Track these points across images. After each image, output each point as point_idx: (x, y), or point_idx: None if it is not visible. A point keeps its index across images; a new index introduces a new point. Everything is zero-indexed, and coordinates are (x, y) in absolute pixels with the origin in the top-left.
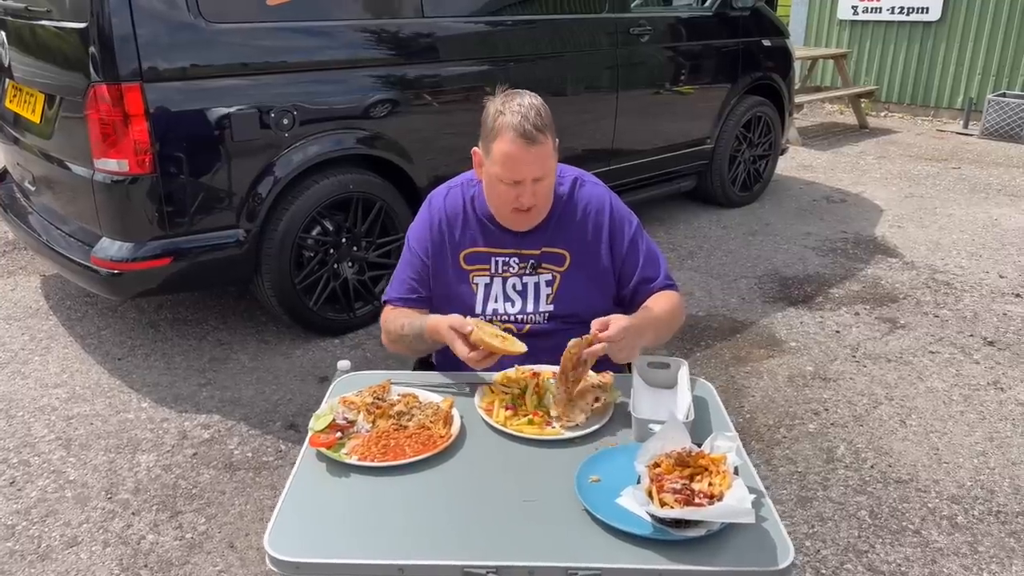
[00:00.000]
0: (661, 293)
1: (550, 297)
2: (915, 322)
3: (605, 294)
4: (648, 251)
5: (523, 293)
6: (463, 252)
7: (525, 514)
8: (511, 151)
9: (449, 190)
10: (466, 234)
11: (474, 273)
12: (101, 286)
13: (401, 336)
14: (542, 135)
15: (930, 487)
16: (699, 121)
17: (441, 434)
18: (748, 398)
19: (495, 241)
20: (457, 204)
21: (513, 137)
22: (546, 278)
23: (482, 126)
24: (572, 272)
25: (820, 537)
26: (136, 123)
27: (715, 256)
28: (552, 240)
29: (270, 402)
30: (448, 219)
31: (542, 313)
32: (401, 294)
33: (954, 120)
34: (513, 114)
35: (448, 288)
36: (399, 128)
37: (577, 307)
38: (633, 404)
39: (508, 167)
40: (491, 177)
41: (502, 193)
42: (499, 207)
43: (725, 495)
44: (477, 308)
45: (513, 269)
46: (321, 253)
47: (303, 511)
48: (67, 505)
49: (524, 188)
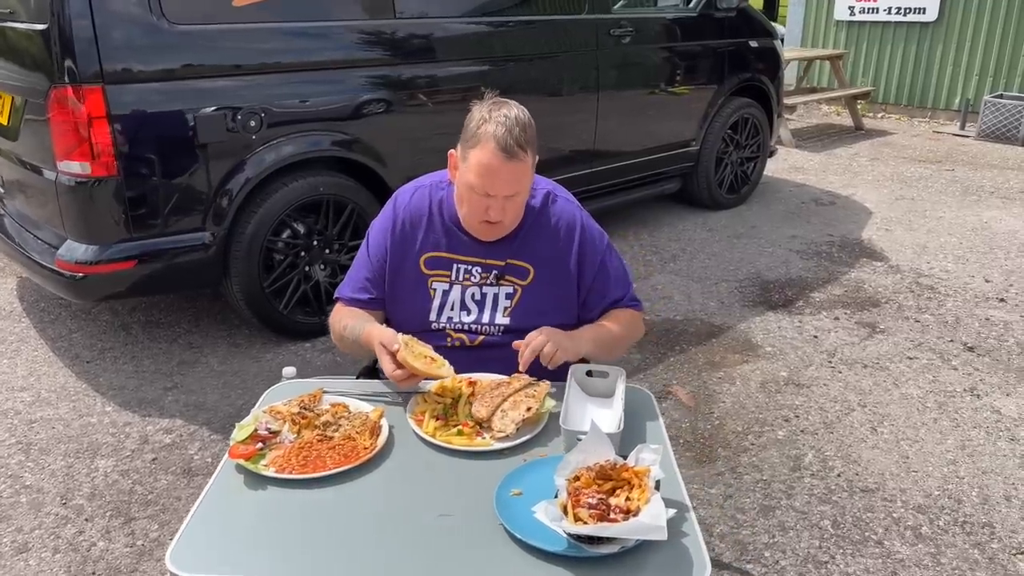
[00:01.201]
0: (622, 312)
1: (507, 310)
2: (895, 327)
3: (565, 312)
4: (616, 271)
5: (481, 303)
6: (424, 256)
7: (440, 530)
8: (489, 163)
9: (416, 189)
10: (429, 237)
11: (433, 278)
12: (67, 289)
13: (342, 337)
14: (523, 152)
15: (896, 496)
16: (684, 123)
17: (365, 445)
18: (718, 404)
19: (459, 248)
20: (423, 205)
21: (494, 149)
22: (507, 291)
23: (464, 130)
24: (534, 287)
25: (780, 547)
26: (98, 125)
27: (698, 259)
28: (518, 252)
29: (235, 407)
30: (412, 220)
31: (497, 326)
32: (352, 293)
33: (951, 121)
34: (498, 125)
35: (404, 291)
36: (371, 130)
37: (534, 323)
38: (564, 414)
39: (483, 178)
40: (464, 184)
41: (472, 202)
42: (468, 215)
43: (641, 510)
44: (432, 315)
45: (475, 278)
46: (291, 256)
47: (213, 525)
48: (21, 511)
49: (495, 202)
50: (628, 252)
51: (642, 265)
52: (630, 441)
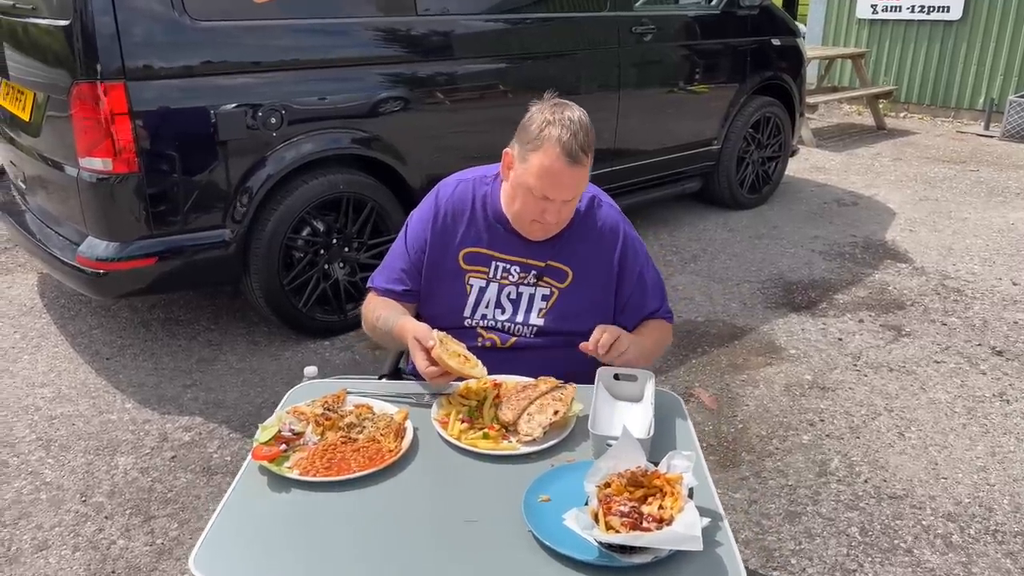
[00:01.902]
0: (656, 323)
1: (542, 312)
2: (921, 330)
3: (599, 318)
4: (654, 282)
5: (516, 303)
6: (464, 251)
7: (466, 536)
8: (553, 167)
9: (459, 183)
10: (470, 232)
11: (471, 274)
12: (87, 286)
13: (375, 328)
14: (586, 156)
15: (926, 503)
16: (705, 121)
17: (390, 448)
18: (742, 407)
19: (500, 245)
20: (466, 199)
21: (558, 153)
22: (543, 292)
23: (522, 130)
24: (572, 291)
25: (807, 554)
26: (120, 121)
27: (719, 260)
28: (559, 255)
29: (254, 405)
30: (455, 213)
31: (531, 326)
32: (386, 283)
33: (975, 121)
34: (563, 128)
35: (440, 285)
36: (391, 128)
37: (568, 327)
38: (592, 418)
39: (544, 181)
40: (520, 185)
41: (527, 204)
42: (519, 214)
43: (675, 519)
44: (466, 310)
45: (513, 277)
46: (311, 254)
47: (237, 528)
48: (41, 508)
49: (552, 205)
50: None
51: (663, 265)
52: (659, 447)
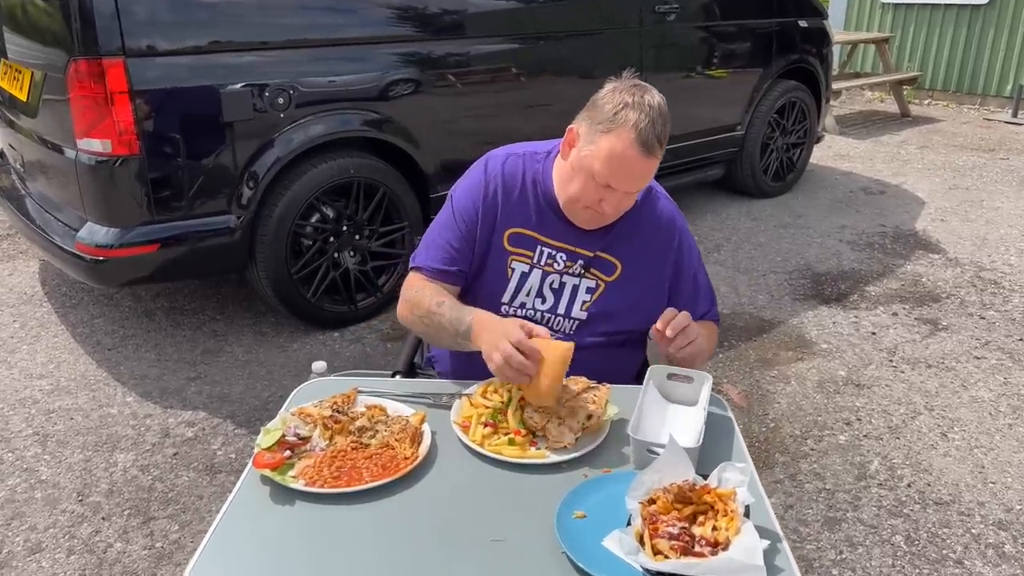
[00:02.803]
0: (705, 324)
1: (586, 305)
2: (959, 324)
3: (646, 316)
4: (706, 284)
5: (559, 293)
6: (509, 231)
7: (492, 557)
8: (625, 155)
9: (508, 156)
10: (518, 211)
11: (514, 257)
12: (87, 274)
13: (432, 315)
14: (660, 148)
15: (974, 510)
16: (729, 106)
17: (406, 455)
18: (773, 405)
19: (548, 229)
20: (516, 174)
21: (633, 140)
22: (589, 284)
23: (594, 108)
24: (619, 285)
25: (849, 565)
26: (119, 101)
27: (743, 249)
28: (610, 246)
29: (260, 399)
30: (505, 188)
31: (572, 319)
32: (439, 263)
33: (1002, 109)
34: (642, 113)
35: (483, 266)
36: (404, 110)
37: (610, 324)
38: (635, 422)
39: (612, 170)
40: (583, 168)
41: (586, 189)
42: (574, 199)
43: (732, 543)
44: (505, 295)
45: (558, 265)
46: (320, 241)
47: (235, 545)
48: (35, 507)
49: (613, 195)
50: None
51: None
52: (703, 457)
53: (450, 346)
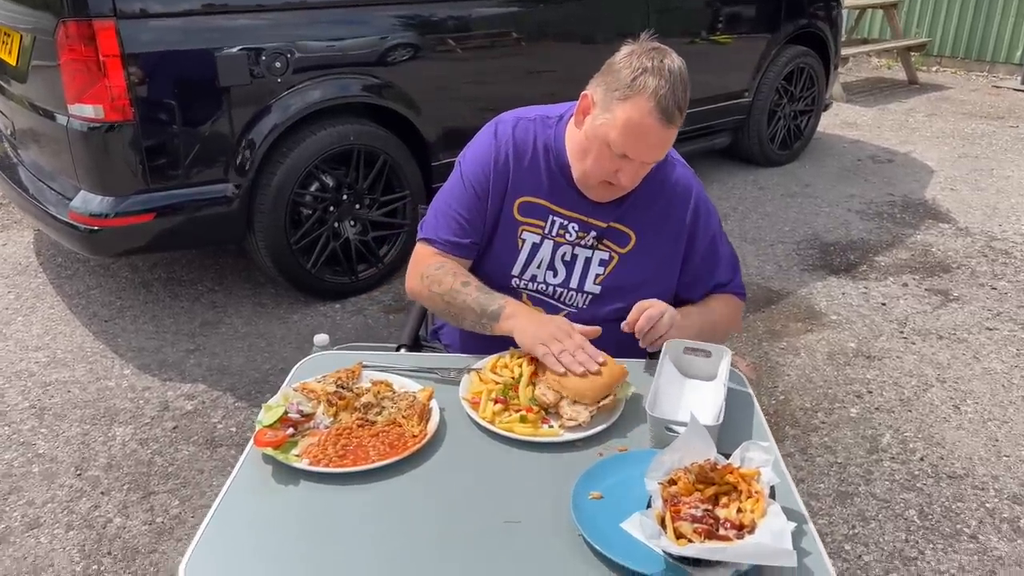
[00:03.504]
0: (726, 297)
1: (599, 278)
2: (970, 295)
3: (661, 288)
4: (727, 253)
5: (570, 265)
6: (520, 199)
7: (506, 540)
8: (643, 123)
9: (518, 121)
10: (529, 179)
11: (525, 227)
12: (81, 244)
13: (456, 294)
14: (680, 116)
15: (988, 484)
16: (736, 72)
17: (414, 432)
18: (783, 377)
19: (560, 199)
20: (527, 141)
21: (652, 108)
22: (602, 256)
23: (610, 73)
24: (633, 256)
25: (862, 540)
26: (111, 65)
27: (750, 219)
28: (624, 217)
29: (260, 371)
30: (516, 154)
31: (585, 294)
32: (451, 235)
33: (1011, 76)
34: (661, 79)
35: (494, 236)
36: (406, 75)
37: (624, 298)
38: (652, 398)
39: (629, 138)
40: (598, 137)
41: (602, 160)
42: (588, 171)
43: (758, 526)
44: (515, 267)
45: (570, 236)
46: (319, 211)
47: (236, 528)
48: (33, 482)
49: (629, 165)
50: None
51: None
52: (723, 435)
53: (471, 327)
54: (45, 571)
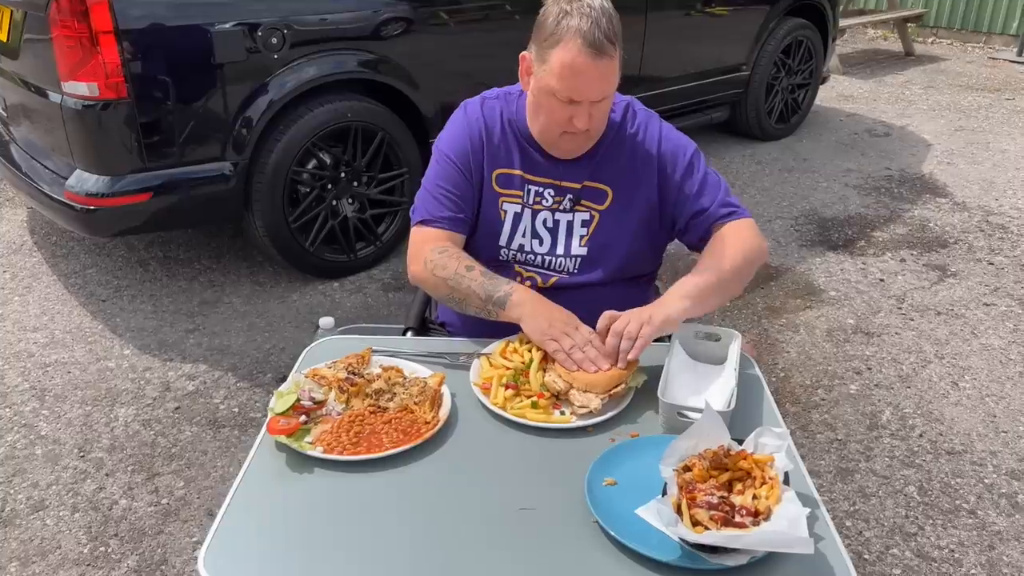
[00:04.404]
0: (731, 226)
1: (584, 239)
2: (967, 270)
3: (649, 238)
4: (704, 177)
5: (553, 231)
6: (496, 171)
7: (522, 526)
8: (575, 63)
9: (484, 100)
10: (501, 152)
11: (504, 198)
12: (77, 223)
13: (461, 278)
14: (612, 46)
15: (987, 460)
16: (734, 45)
17: (426, 419)
18: (783, 354)
19: (531, 167)
20: (495, 115)
21: (580, 46)
22: (583, 217)
23: (537, 28)
24: (613, 211)
25: (863, 516)
26: (105, 41)
27: (747, 194)
28: (596, 173)
29: (261, 351)
30: (486, 130)
31: (573, 257)
32: (447, 212)
33: (1007, 47)
34: (583, 17)
35: (476, 210)
36: (403, 50)
37: (614, 253)
38: (664, 385)
39: (568, 81)
40: (542, 91)
41: (553, 111)
42: (546, 127)
43: (773, 512)
44: (502, 238)
45: (547, 202)
46: (317, 189)
47: (252, 518)
48: (36, 464)
49: (580, 109)
50: None
51: None
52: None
53: (476, 312)
54: (52, 553)
